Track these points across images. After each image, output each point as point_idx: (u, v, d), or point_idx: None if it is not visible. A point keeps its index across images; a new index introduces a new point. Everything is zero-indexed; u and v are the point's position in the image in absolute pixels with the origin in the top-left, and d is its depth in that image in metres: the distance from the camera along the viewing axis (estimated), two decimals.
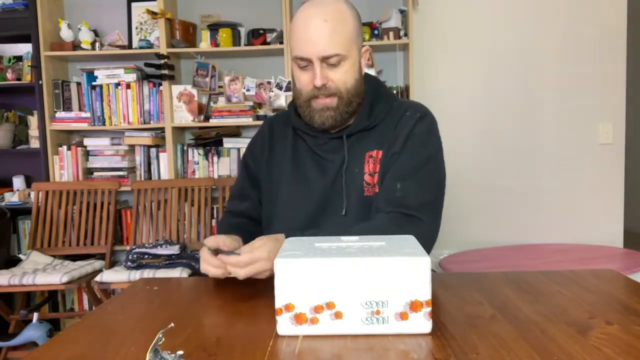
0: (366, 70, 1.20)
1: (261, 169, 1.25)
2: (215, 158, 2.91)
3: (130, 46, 2.95)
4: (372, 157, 1.16)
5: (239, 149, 2.91)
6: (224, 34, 2.80)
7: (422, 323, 0.78)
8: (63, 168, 2.89)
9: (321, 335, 0.79)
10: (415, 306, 0.77)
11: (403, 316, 0.78)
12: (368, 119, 1.17)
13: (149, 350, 0.63)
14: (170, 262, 2.43)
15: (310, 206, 1.17)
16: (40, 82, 2.83)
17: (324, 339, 0.78)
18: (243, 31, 2.88)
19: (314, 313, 0.78)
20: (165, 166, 2.92)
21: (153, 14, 2.76)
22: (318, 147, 1.19)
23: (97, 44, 2.85)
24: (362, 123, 1.17)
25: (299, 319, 0.79)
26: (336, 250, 0.83)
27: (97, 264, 2.67)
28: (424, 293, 0.77)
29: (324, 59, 1.06)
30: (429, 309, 0.77)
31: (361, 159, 1.16)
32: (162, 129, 2.92)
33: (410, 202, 1.09)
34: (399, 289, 0.77)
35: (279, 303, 0.79)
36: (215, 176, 2.91)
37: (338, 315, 0.79)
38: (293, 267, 0.78)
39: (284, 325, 0.79)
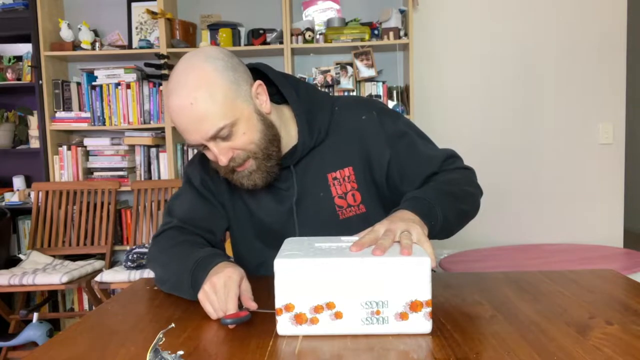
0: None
1: (222, 193, 1.14)
2: None
3: (130, 46, 2.96)
4: (336, 178, 1.08)
5: None
6: (224, 34, 2.80)
7: (422, 323, 0.78)
8: (63, 168, 2.89)
9: (321, 335, 0.79)
10: (415, 306, 0.77)
11: (403, 316, 0.78)
12: (311, 138, 1.06)
13: (149, 350, 0.63)
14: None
15: (268, 238, 1.11)
16: (40, 82, 2.83)
17: (324, 339, 0.78)
18: (243, 31, 2.89)
19: (313, 313, 0.78)
20: (165, 166, 2.92)
21: (153, 14, 2.76)
22: None
23: (97, 44, 2.85)
24: (307, 145, 1.06)
25: (299, 319, 0.78)
26: (336, 250, 0.83)
27: (97, 264, 2.67)
28: (424, 293, 0.77)
29: (214, 138, 0.94)
30: (429, 309, 0.77)
31: (323, 182, 1.08)
32: (162, 129, 2.92)
33: (451, 165, 1.11)
34: (399, 289, 0.77)
35: (279, 303, 0.78)
36: None
37: (338, 315, 0.78)
38: (293, 267, 0.78)
39: (284, 325, 0.79)
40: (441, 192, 0.98)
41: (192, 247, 1.01)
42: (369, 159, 1.09)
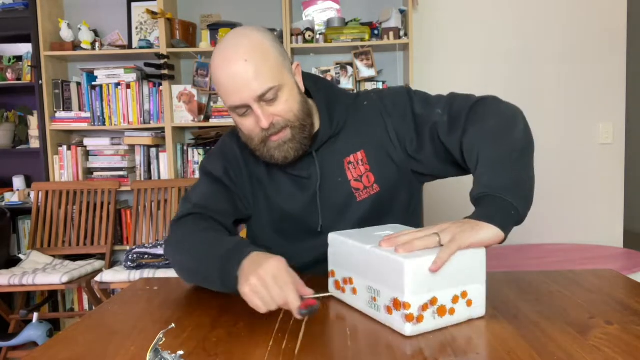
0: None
1: (244, 184, 1.16)
2: None
3: (130, 46, 2.95)
4: (350, 162, 1.12)
5: None
6: (224, 34, 2.80)
7: (401, 323, 0.78)
8: (63, 168, 2.89)
9: (345, 304, 0.92)
10: (396, 304, 0.79)
11: (389, 310, 0.81)
12: (331, 126, 1.12)
13: (149, 350, 0.63)
14: (170, 262, 2.42)
15: (287, 229, 1.15)
16: (40, 82, 2.83)
17: (324, 338, 0.78)
18: None
19: (342, 284, 0.92)
20: (165, 166, 2.92)
21: (153, 14, 2.76)
22: (290, 167, 1.12)
23: (97, 44, 2.85)
24: (327, 132, 1.11)
25: (337, 284, 0.94)
26: (375, 238, 0.89)
27: (97, 264, 2.67)
28: (402, 294, 0.77)
29: (260, 99, 0.98)
30: (407, 312, 0.77)
31: (341, 167, 1.13)
32: (162, 129, 2.92)
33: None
34: (387, 283, 0.80)
35: (330, 267, 0.96)
36: None
37: (354, 291, 0.89)
38: (335, 242, 0.94)
39: (330, 285, 0.96)
40: (506, 178, 0.91)
41: (216, 236, 1.00)
42: (378, 140, 1.12)
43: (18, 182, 2.99)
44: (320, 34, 2.78)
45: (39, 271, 2.47)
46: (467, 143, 1.00)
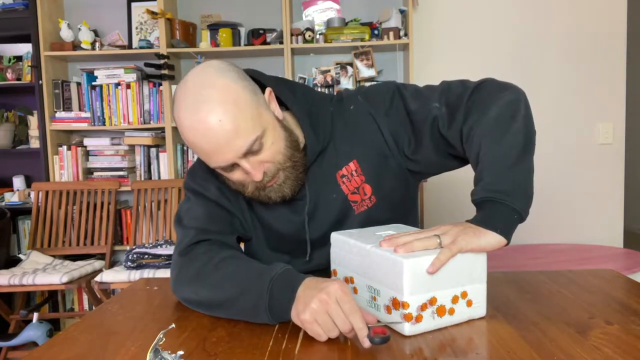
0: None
1: (240, 202, 1.06)
2: None
3: (130, 46, 2.96)
4: (344, 176, 1.04)
5: None
6: (224, 34, 2.80)
7: (400, 322, 0.78)
8: (63, 168, 2.89)
9: None
10: (395, 304, 0.79)
11: (388, 310, 0.81)
12: (317, 141, 1.01)
13: (149, 350, 0.63)
14: (170, 262, 2.42)
15: (287, 242, 1.08)
16: (40, 82, 2.83)
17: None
18: (243, 31, 2.89)
19: (346, 282, 0.91)
20: (165, 166, 2.92)
21: (153, 14, 2.76)
22: None
23: (97, 44, 2.85)
24: (314, 150, 1.01)
25: None
26: (376, 237, 0.89)
27: (97, 264, 2.67)
28: (401, 294, 0.77)
29: (246, 154, 0.88)
30: (405, 311, 0.77)
31: (334, 183, 1.04)
32: (162, 129, 2.92)
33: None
34: (387, 283, 0.80)
35: (332, 266, 0.96)
36: None
37: (355, 290, 0.89)
38: (336, 242, 0.93)
39: None
40: (511, 180, 0.86)
41: (248, 264, 0.92)
42: (372, 146, 1.04)
43: (18, 182, 2.99)
44: (320, 34, 2.78)
45: (39, 271, 2.47)
46: (467, 133, 0.94)
